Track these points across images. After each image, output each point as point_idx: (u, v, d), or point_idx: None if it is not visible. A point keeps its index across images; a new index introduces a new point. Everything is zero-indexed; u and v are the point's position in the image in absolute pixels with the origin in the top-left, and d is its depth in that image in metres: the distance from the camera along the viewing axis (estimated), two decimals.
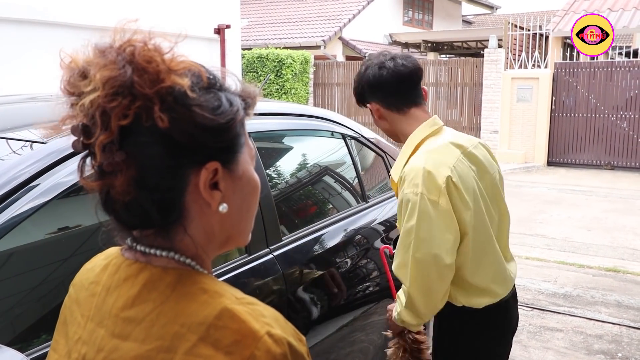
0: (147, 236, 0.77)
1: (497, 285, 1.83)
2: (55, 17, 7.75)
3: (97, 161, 0.72)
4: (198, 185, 0.75)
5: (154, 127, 0.70)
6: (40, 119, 1.78)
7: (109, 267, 0.81)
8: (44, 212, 1.33)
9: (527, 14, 18.77)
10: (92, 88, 0.70)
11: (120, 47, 0.72)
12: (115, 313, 0.76)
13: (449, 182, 1.70)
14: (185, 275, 0.76)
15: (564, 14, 13.73)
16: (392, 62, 1.82)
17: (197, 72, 0.75)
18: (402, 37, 18.94)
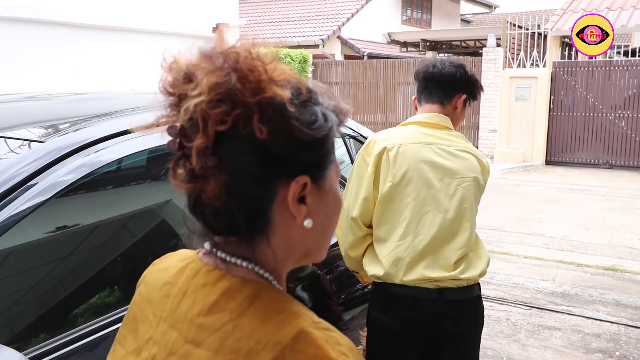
0: (229, 243, 0.77)
1: (388, 265, 1.91)
2: (54, 16, 7.74)
3: (190, 164, 0.71)
4: (286, 198, 0.75)
5: (251, 136, 0.70)
6: (38, 117, 1.78)
7: (186, 270, 0.81)
8: (42, 211, 1.33)
9: (525, 13, 18.79)
10: (198, 92, 0.70)
11: (226, 53, 0.73)
12: (190, 318, 0.75)
13: (382, 152, 1.97)
14: (263, 290, 0.75)
15: (563, 13, 13.73)
16: (440, 65, 2.12)
17: (297, 84, 0.75)
18: (401, 36, 18.93)
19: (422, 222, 1.94)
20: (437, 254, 1.93)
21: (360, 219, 2.00)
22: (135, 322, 0.83)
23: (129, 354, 0.82)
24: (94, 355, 1.34)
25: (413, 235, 1.93)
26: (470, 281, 1.96)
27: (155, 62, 2.87)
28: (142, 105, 1.96)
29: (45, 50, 7.67)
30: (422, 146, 1.99)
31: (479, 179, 2.02)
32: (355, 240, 2.02)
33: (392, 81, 15.35)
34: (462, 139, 2.10)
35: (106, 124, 1.63)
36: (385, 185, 1.95)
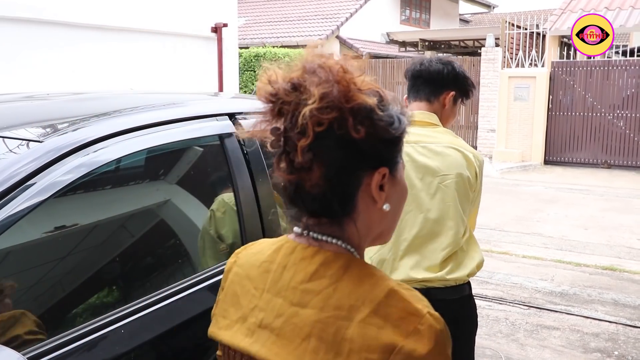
0: (321, 225, 0.94)
1: (374, 264, 1.93)
2: (54, 16, 7.73)
3: (290, 158, 0.88)
4: (369, 186, 0.92)
5: (343, 135, 0.87)
6: (37, 117, 1.78)
7: (282, 250, 0.98)
8: (40, 211, 1.33)
9: (524, 13, 18.80)
10: (312, 100, 0.86)
11: (327, 68, 0.89)
12: (293, 285, 0.92)
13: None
14: (353, 260, 0.93)
15: (561, 12, 13.74)
16: (425, 63, 2.13)
17: (378, 92, 0.92)
18: (400, 35, 18.93)
19: (404, 223, 1.94)
20: (422, 254, 1.92)
21: None
22: (236, 296, 1.00)
23: (233, 322, 0.98)
24: (93, 355, 1.34)
25: (396, 236, 1.92)
26: (459, 281, 1.93)
27: (154, 62, 2.86)
28: (141, 105, 1.96)
29: (45, 50, 7.66)
30: (405, 145, 2.01)
31: (464, 175, 1.97)
32: None
33: (391, 81, 15.35)
34: (449, 135, 2.07)
35: (105, 124, 1.63)
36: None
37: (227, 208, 1.85)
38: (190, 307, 1.60)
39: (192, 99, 2.27)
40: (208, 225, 1.79)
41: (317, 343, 0.87)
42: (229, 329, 0.98)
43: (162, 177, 1.85)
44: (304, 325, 0.89)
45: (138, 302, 1.48)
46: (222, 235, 1.83)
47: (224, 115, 1.96)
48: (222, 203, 1.85)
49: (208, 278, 1.67)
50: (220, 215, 1.81)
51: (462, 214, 1.97)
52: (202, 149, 1.92)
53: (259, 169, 1.95)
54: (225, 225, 1.83)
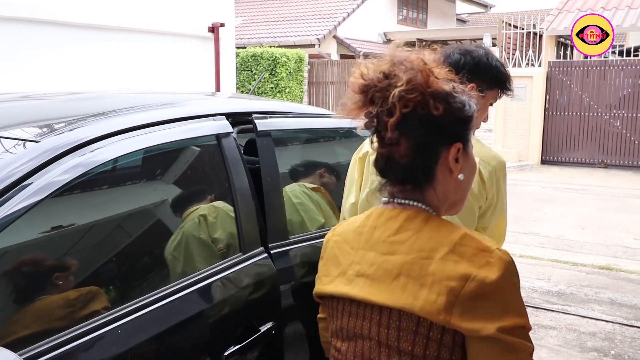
0: (405, 192, 1.17)
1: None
2: (52, 15, 7.71)
3: (382, 136, 1.12)
4: (447, 158, 1.14)
5: (426, 115, 1.09)
6: (33, 117, 1.77)
7: (371, 215, 1.20)
8: (37, 211, 1.33)
9: (521, 13, 18.83)
10: (400, 83, 1.08)
11: (410, 60, 1.12)
12: (383, 240, 1.15)
13: (365, 156, 1.89)
14: (432, 215, 1.15)
15: (558, 12, 13.76)
16: (451, 50, 1.97)
17: (451, 80, 1.14)
18: (397, 35, 18.94)
19: None
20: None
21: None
22: (335, 258, 1.22)
23: (334, 277, 1.20)
24: (90, 355, 1.33)
25: None
26: None
27: (151, 61, 2.86)
28: (138, 104, 1.96)
29: (42, 49, 7.64)
30: None
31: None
32: None
33: None
34: None
35: (101, 124, 1.62)
36: (364, 192, 1.86)
37: (219, 212, 1.85)
38: (187, 308, 1.60)
39: (189, 98, 2.27)
40: (196, 230, 1.76)
41: (405, 279, 1.08)
42: (331, 283, 1.20)
43: (159, 177, 1.85)
44: (393, 268, 1.10)
45: (135, 302, 1.48)
46: (217, 239, 1.83)
47: (221, 115, 1.96)
48: (212, 209, 1.84)
49: (200, 280, 1.67)
50: (212, 220, 1.80)
51: (468, 226, 1.79)
52: (199, 149, 1.92)
53: (272, 167, 2.02)
54: (218, 229, 1.83)
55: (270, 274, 1.87)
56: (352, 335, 1.15)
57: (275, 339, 1.82)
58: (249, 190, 1.90)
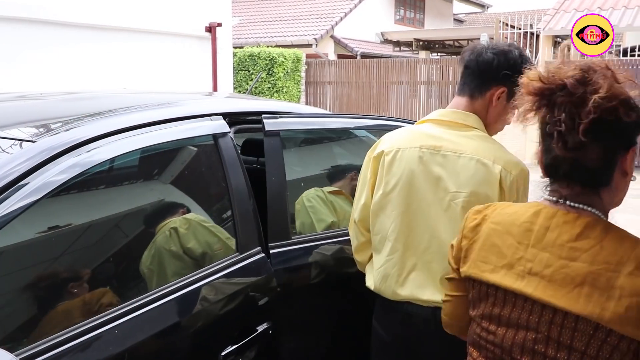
0: (577, 195, 1.21)
1: (378, 281, 1.81)
2: (50, 15, 7.70)
3: (564, 140, 1.14)
4: (624, 162, 1.19)
5: (615, 120, 1.12)
6: (30, 117, 1.77)
7: (541, 214, 1.23)
8: (34, 211, 1.32)
9: (518, 13, 18.86)
10: (603, 90, 1.12)
11: (600, 65, 1.17)
12: (560, 243, 1.17)
13: (380, 156, 1.81)
14: (610, 225, 1.20)
15: (555, 12, 13.78)
16: (476, 50, 1.83)
17: (634, 83, 1.19)
18: (394, 35, 18.96)
19: (412, 238, 1.75)
20: (429, 272, 1.73)
21: (360, 223, 1.89)
22: (496, 247, 1.26)
23: (498, 267, 1.24)
24: (86, 355, 1.33)
25: (402, 251, 1.76)
26: None
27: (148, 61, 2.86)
28: (135, 104, 1.96)
29: (40, 49, 7.62)
30: (422, 151, 1.75)
31: (480, 193, 1.68)
32: (358, 244, 1.93)
33: (385, 80, 15.36)
34: (481, 141, 1.76)
35: (98, 124, 1.62)
36: (377, 194, 1.80)
37: (190, 224, 1.78)
38: (183, 308, 1.60)
39: (186, 98, 2.27)
40: (166, 243, 1.69)
41: (590, 289, 1.11)
42: (495, 273, 1.25)
43: (156, 177, 1.84)
44: (576, 275, 1.13)
45: (131, 303, 1.48)
46: (190, 249, 1.75)
47: (218, 115, 1.96)
48: (184, 221, 1.76)
49: (196, 281, 1.67)
50: (184, 232, 1.73)
51: None
52: (196, 149, 1.92)
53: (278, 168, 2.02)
54: (191, 239, 1.76)
55: (267, 274, 1.86)
56: (514, 324, 1.21)
57: (272, 339, 1.82)
58: (246, 190, 1.90)
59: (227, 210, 1.89)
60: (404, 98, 15.23)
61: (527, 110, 1.22)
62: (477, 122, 1.80)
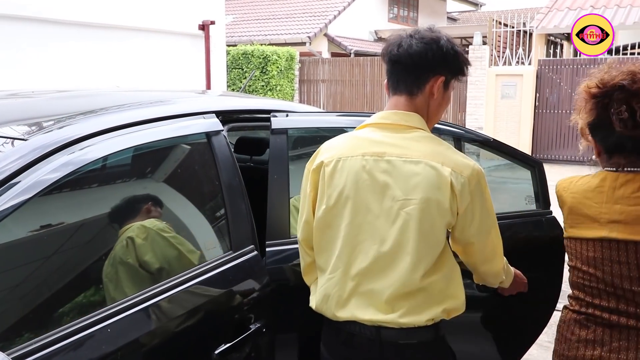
0: (632, 163, 1.68)
1: (319, 301, 1.69)
2: (38, 12, 7.65)
3: (635, 123, 1.61)
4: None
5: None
6: (21, 115, 1.76)
7: (607, 179, 1.70)
8: (26, 210, 1.32)
9: (511, 11, 18.90)
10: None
11: (638, 71, 1.65)
12: (627, 195, 1.64)
13: (319, 167, 1.68)
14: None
15: (548, 11, 13.83)
16: (402, 41, 1.67)
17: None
18: (388, 33, 18.95)
19: (355, 254, 1.61)
20: (371, 291, 1.59)
21: (304, 243, 1.77)
22: (581, 210, 1.73)
23: (588, 225, 1.71)
24: (78, 354, 1.33)
25: (343, 269, 1.62)
26: (417, 324, 1.59)
27: (141, 59, 2.84)
28: (128, 102, 1.95)
29: (29, 47, 7.58)
30: (365, 159, 1.62)
31: (431, 199, 1.56)
32: (305, 266, 1.80)
33: (379, 79, 15.38)
34: (428, 143, 1.63)
35: (91, 122, 1.62)
36: (320, 209, 1.66)
37: (149, 233, 1.63)
38: (176, 307, 1.59)
39: (179, 96, 2.26)
40: (124, 254, 1.56)
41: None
42: (588, 230, 1.70)
43: (149, 175, 1.84)
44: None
45: (124, 301, 1.47)
46: (146, 262, 1.60)
47: (211, 113, 1.96)
48: (141, 229, 1.61)
49: (188, 280, 1.66)
50: (140, 242, 1.58)
51: (430, 248, 1.59)
52: (189, 147, 1.92)
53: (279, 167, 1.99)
54: (148, 251, 1.61)
55: (260, 272, 1.86)
56: (609, 262, 1.65)
57: (265, 337, 1.82)
58: (240, 188, 1.89)
59: (220, 208, 1.88)
60: None
61: (590, 109, 1.72)
62: (420, 122, 1.67)
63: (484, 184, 1.67)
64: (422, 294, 1.59)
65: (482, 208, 1.66)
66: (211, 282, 1.71)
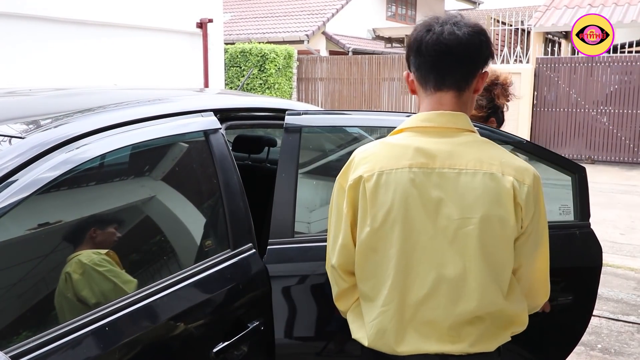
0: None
1: (372, 335, 1.48)
2: (35, 10, 7.63)
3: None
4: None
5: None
6: (18, 113, 1.75)
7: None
8: (23, 208, 1.31)
9: (509, 10, 18.88)
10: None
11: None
12: None
13: (357, 183, 1.45)
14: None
15: (546, 9, 13.83)
16: (442, 27, 1.42)
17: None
18: (386, 32, 18.95)
19: (410, 280, 1.42)
20: (432, 320, 1.43)
21: (341, 268, 1.55)
22: None
23: None
24: (76, 352, 1.32)
25: (399, 300, 1.43)
26: (487, 351, 1.45)
27: (139, 57, 2.85)
28: (125, 100, 1.94)
29: (26, 45, 7.56)
30: (413, 171, 1.41)
31: (493, 216, 1.39)
32: (340, 292, 1.59)
33: (377, 77, 15.37)
34: (482, 146, 1.44)
35: (89, 120, 1.61)
36: (364, 231, 1.44)
37: (85, 269, 1.49)
38: (174, 305, 1.59)
39: (177, 94, 2.25)
40: (64, 287, 1.46)
41: None
42: None
43: (147, 173, 1.84)
44: None
45: (122, 299, 1.47)
46: (84, 297, 1.48)
47: (209, 111, 1.95)
48: (78, 264, 1.48)
49: (187, 277, 1.66)
50: (77, 277, 1.47)
51: (496, 272, 1.42)
52: (187, 145, 1.91)
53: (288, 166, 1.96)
54: (85, 287, 1.49)
55: (258, 270, 1.86)
56: None
57: (263, 335, 1.82)
58: (238, 186, 1.89)
59: (218, 207, 1.88)
60: (395, 94, 15.24)
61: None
62: (468, 123, 1.47)
63: (542, 190, 1.50)
64: (489, 319, 1.44)
65: (539, 222, 1.48)
66: (209, 280, 1.70)
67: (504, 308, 1.44)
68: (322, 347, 2.06)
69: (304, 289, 1.97)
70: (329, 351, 2.09)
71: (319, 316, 2.02)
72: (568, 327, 2.27)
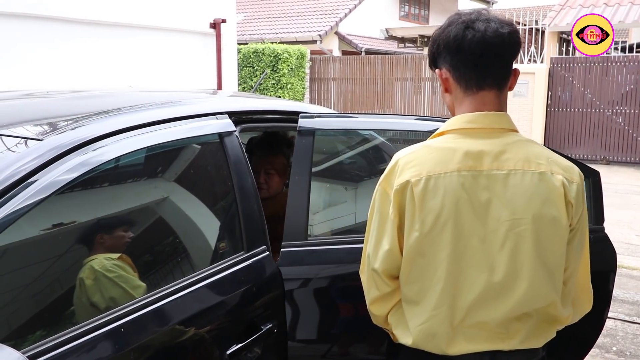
0: None
1: (420, 339, 1.47)
2: (48, 11, 7.69)
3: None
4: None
5: None
6: (36, 115, 1.77)
7: None
8: (41, 209, 1.33)
9: (523, 9, 18.75)
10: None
11: None
12: None
13: (405, 187, 1.42)
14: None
15: (560, 9, 13.72)
16: (484, 25, 1.42)
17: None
18: (399, 31, 18.90)
19: (461, 284, 1.41)
20: (482, 322, 1.43)
21: (384, 273, 1.51)
22: None
23: None
24: (92, 354, 1.34)
25: (450, 303, 1.42)
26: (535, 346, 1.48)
27: (152, 58, 2.87)
28: (141, 103, 1.96)
29: (39, 45, 7.63)
30: (462, 175, 1.40)
31: (546, 216, 1.39)
32: (379, 296, 1.55)
33: (390, 77, 15.34)
34: (529, 147, 1.44)
35: (105, 122, 1.63)
36: (412, 236, 1.42)
37: (97, 275, 1.51)
38: (188, 306, 1.60)
39: (191, 97, 2.27)
40: (79, 292, 1.48)
41: None
42: None
43: (161, 175, 1.85)
44: None
45: (137, 301, 1.48)
46: (96, 303, 1.49)
47: (224, 114, 1.96)
48: (91, 270, 1.51)
49: (200, 280, 1.67)
50: (90, 283, 1.49)
51: (550, 273, 1.42)
52: (202, 148, 1.93)
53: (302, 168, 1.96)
54: (96, 293, 1.50)
55: (272, 272, 1.87)
56: None
57: (277, 337, 1.82)
58: (252, 188, 1.90)
59: (232, 209, 1.89)
60: (408, 94, 15.20)
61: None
62: (511, 122, 1.46)
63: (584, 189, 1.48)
64: (536, 315, 1.45)
65: (584, 220, 1.48)
66: (223, 283, 1.71)
67: (554, 305, 1.45)
68: (334, 350, 2.06)
69: (317, 292, 1.97)
70: (341, 353, 2.09)
71: (331, 319, 2.03)
72: (582, 332, 2.22)
